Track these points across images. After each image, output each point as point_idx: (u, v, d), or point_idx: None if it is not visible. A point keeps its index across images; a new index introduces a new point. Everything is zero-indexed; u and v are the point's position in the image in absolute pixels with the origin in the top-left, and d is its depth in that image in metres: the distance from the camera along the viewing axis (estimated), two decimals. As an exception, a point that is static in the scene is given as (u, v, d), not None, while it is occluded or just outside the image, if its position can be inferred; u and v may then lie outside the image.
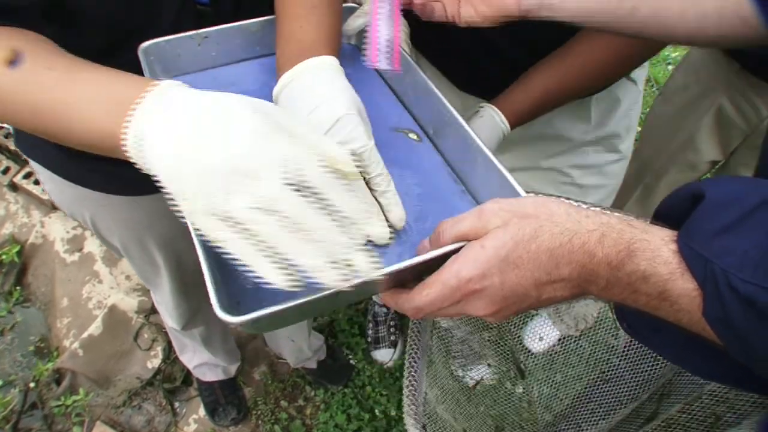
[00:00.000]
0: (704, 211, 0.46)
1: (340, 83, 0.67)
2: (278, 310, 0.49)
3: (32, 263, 2.12)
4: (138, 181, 0.95)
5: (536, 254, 0.49)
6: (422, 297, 0.53)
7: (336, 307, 0.54)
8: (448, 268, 0.51)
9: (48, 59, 0.58)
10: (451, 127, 0.71)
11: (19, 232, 2.15)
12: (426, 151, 0.75)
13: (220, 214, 0.48)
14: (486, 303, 0.52)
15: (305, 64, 0.68)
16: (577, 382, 1.15)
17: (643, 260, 0.46)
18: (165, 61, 0.78)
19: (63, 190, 1.02)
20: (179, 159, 0.49)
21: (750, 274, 0.42)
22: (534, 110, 0.90)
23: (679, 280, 0.45)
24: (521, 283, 0.50)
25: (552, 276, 0.49)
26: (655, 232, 0.48)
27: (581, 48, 0.87)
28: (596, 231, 0.48)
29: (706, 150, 1.45)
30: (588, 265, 0.48)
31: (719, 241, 0.44)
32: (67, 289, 2.03)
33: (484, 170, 0.66)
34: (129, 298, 1.97)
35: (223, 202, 0.47)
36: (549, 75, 0.88)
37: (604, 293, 0.50)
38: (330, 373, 1.87)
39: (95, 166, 0.94)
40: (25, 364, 1.90)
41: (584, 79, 0.88)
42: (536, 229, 0.49)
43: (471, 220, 0.52)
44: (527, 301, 0.52)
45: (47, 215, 2.17)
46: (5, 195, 2.24)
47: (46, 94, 0.56)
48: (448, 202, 0.69)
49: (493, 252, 0.49)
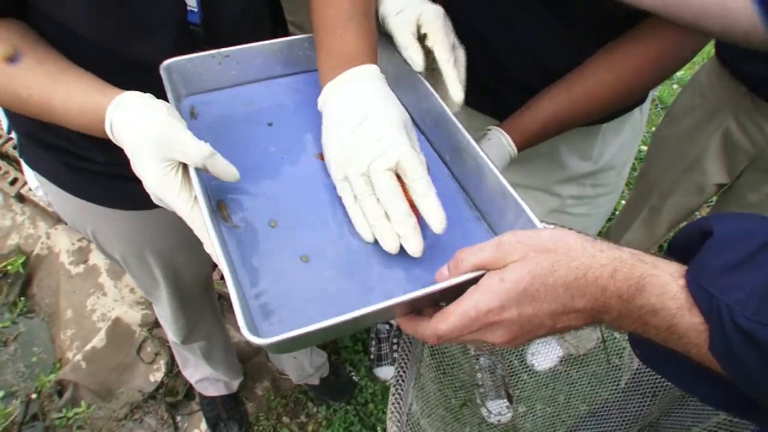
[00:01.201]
0: (712, 247, 0.48)
1: (387, 95, 0.70)
2: (302, 333, 0.51)
3: (37, 274, 2.12)
4: (138, 195, 0.97)
5: (553, 288, 0.50)
6: (442, 325, 0.54)
7: (355, 330, 0.56)
8: (468, 298, 0.53)
9: (41, 56, 0.72)
10: (467, 154, 0.71)
11: (24, 243, 2.16)
12: (441, 177, 0.76)
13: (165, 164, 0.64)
14: (503, 333, 0.53)
15: (349, 74, 0.71)
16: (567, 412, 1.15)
17: (653, 295, 0.48)
18: (186, 78, 0.80)
19: (66, 203, 1.02)
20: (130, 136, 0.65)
21: (753, 311, 0.43)
22: (541, 134, 0.90)
23: (687, 314, 0.47)
24: (538, 314, 0.52)
25: (567, 308, 0.51)
26: (665, 268, 0.49)
27: (589, 74, 0.87)
28: (609, 265, 0.50)
29: (712, 172, 1.44)
30: (601, 298, 0.50)
31: (726, 277, 0.45)
32: (72, 300, 2.03)
33: (500, 199, 0.67)
34: (133, 311, 1.97)
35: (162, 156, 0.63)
36: (557, 100, 0.88)
37: (616, 323, 0.51)
38: (332, 389, 1.86)
39: (97, 180, 0.95)
40: (27, 375, 1.90)
41: (591, 105, 0.88)
42: (553, 263, 0.50)
43: (490, 252, 0.53)
44: (542, 330, 0.54)
45: (53, 227, 2.18)
46: (12, 206, 2.25)
47: (41, 87, 0.71)
48: (463, 229, 0.70)
49: (512, 285, 0.51)
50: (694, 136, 1.44)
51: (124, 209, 1.02)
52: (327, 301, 0.61)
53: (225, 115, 0.79)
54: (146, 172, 0.64)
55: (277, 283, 0.62)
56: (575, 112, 0.88)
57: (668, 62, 0.85)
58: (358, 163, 0.65)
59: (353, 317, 0.52)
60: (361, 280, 0.63)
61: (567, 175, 1.13)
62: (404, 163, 0.63)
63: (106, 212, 1.02)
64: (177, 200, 0.63)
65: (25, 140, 0.95)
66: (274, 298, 0.60)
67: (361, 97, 0.69)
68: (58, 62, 0.73)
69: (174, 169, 0.64)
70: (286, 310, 0.59)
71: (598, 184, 1.15)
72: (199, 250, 1.21)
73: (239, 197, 0.70)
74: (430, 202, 0.63)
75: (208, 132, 0.76)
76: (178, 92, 0.80)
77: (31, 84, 0.71)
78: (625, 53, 0.85)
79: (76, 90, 0.70)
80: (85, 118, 0.69)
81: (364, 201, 0.65)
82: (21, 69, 0.70)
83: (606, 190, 1.18)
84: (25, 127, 0.92)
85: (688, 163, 1.48)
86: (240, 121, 0.78)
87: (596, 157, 1.10)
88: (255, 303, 0.60)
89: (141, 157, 0.64)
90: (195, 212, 0.63)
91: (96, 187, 0.98)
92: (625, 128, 1.08)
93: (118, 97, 0.67)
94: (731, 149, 1.38)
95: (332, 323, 0.51)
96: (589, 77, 0.87)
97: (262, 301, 0.60)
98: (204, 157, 0.63)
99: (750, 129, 1.32)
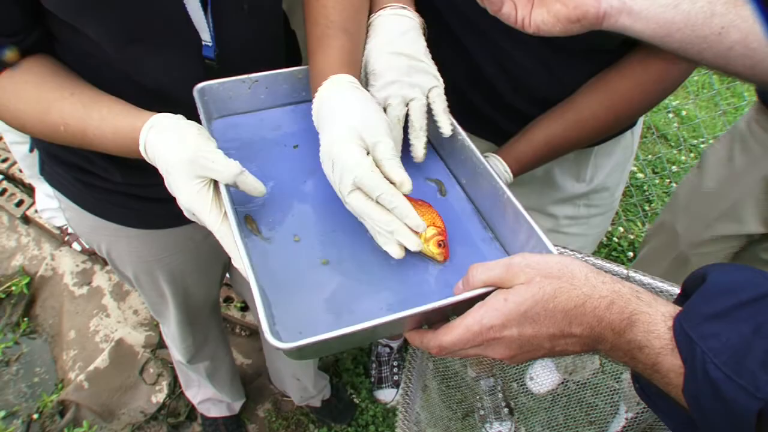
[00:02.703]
0: (702, 294, 0.50)
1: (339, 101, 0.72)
2: (322, 339, 0.54)
3: (41, 295, 2.14)
4: (152, 215, 1.02)
5: (553, 312, 0.53)
6: (447, 337, 0.57)
7: (372, 339, 0.59)
8: (473, 314, 0.56)
9: (72, 87, 0.77)
10: (482, 177, 0.75)
11: (29, 264, 2.18)
12: (458, 199, 0.80)
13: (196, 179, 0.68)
14: (503, 349, 0.56)
15: (317, 94, 0.75)
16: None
17: (640, 332, 0.51)
18: (217, 101, 0.84)
19: (82, 220, 1.05)
20: (164, 155, 0.69)
21: (723, 362, 0.45)
22: (536, 160, 0.94)
23: (669, 355, 0.49)
24: (537, 336, 0.55)
25: (565, 333, 0.54)
26: (659, 307, 0.52)
27: (580, 104, 0.92)
28: (607, 297, 0.53)
29: (749, 221, 1.40)
30: (597, 327, 0.53)
31: (707, 325, 0.47)
32: (75, 321, 2.04)
33: (513, 221, 0.70)
34: (136, 333, 1.99)
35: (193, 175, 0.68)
36: (550, 128, 0.93)
37: (610, 354, 0.54)
38: (334, 411, 1.87)
39: (113, 198, 0.99)
40: (29, 395, 1.91)
41: (582, 132, 0.92)
42: (556, 289, 0.54)
43: (499, 271, 0.56)
44: (541, 351, 0.56)
45: (58, 248, 2.20)
46: (17, 227, 2.27)
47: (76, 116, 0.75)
48: (477, 248, 0.73)
49: (515, 306, 0.54)
50: (733, 185, 1.41)
51: (138, 228, 1.05)
52: (346, 311, 0.64)
53: (254, 136, 0.83)
54: (179, 189, 0.68)
55: (298, 293, 0.65)
56: (568, 139, 0.93)
57: (654, 92, 0.90)
58: (337, 191, 0.68)
59: (369, 326, 0.55)
60: (379, 292, 0.66)
61: (561, 196, 1.16)
62: (359, 183, 0.65)
63: (120, 230, 1.05)
64: (208, 215, 0.67)
65: (46, 159, 0.99)
66: (296, 307, 0.63)
67: (324, 117, 0.72)
68: (89, 91, 0.77)
69: (206, 186, 0.68)
70: (307, 319, 0.62)
71: (591, 205, 1.19)
72: (209, 271, 1.25)
73: (266, 214, 0.73)
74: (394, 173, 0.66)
75: (238, 152, 0.80)
76: (210, 114, 0.84)
77: (66, 114, 0.75)
78: (613, 84, 0.90)
79: (110, 115, 0.74)
80: (120, 141, 0.74)
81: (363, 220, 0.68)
82: (55, 100, 0.75)
83: (599, 210, 1.21)
84: (47, 147, 0.96)
85: (722, 212, 1.44)
86: (268, 143, 0.82)
87: (589, 178, 1.13)
88: (277, 311, 0.63)
89: (174, 175, 0.68)
90: (224, 226, 0.67)
91: (112, 206, 1.01)
92: (616, 151, 1.12)
93: (152, 119, 0.71)
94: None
95: (350, 331, 0.55)
96: (581, 106, 0.92)
97: (285, 309, 0.63)
98: (234, 174, 0.67)
99: None
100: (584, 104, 0.91)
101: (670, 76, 0.88)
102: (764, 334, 0.45)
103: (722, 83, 3.07)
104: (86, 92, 0.77)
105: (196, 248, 1.14)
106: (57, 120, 0.76)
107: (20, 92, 0.76)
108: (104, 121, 0.74)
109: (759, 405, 0.43)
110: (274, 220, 0.73)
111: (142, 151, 0.71)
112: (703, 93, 2.92)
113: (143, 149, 0.71)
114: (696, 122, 2.87)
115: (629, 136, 1.12)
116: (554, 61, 0.93)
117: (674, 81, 0.89)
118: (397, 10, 0.82)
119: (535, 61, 0.93)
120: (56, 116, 0.75)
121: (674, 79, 0.89)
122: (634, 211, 2.59)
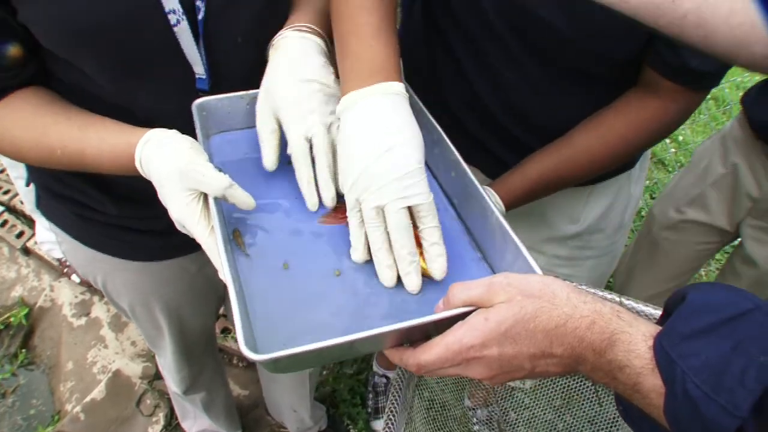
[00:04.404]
0: (681, 313, 0.50)
1: (411, 122, 0.71)
2: (298, 352, 0.54)
3: (39, 326, 2.14)
4: (147, 247, 1.04)
5: (533, 332, 0.53)
6: (425, 355, 0.57)
7: (352, 356, 0.59)
8: (453, 333, 0.56)
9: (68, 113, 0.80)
10: (474, 199, 0.76)
11: (28, 295, 2.19)
12: (449, 218, 0.80)
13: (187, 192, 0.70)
14: (483, 369, 0.56)
15: (376, 88, 0.73)
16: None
17: (621, 351, 0.51)
18: (215, 117, 0.86)
19: (78, 252, 1.07)
20: (157, 167, 0.71)
21: (702, 380, 0.45)
22: (529, 194, 0.94)
23: (650, 375, 0.49)
24: (517, 356, 0.54)
25: (546, 353, 0.54)
26: (640, 327, 0.52)
27: (576, 140, 0.92)
28: (588, 317, 0.52)
29: (716, 213, 1.49)
30: (577, 348, 0.52)
31: (688, 344, 0.47)
32: (73, 352, 2.05)
33: (501, 242, 0.71)
34: (133, 364, 1.99)
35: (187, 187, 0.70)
36: (545, 161, 0.93)
37: (591, 374, 0.54)
38: (331, 442, 1.86)
39: (108, 231, 1.00)
40: (24, 428, 1.90)
41: (576, 168, 0.92)
42: (536, 309, 0.53)
43: (480, 291, 0.56)
44: (521, 372, 0.56)
45: (57, 280, 2.21)
46: (17, 258, 2.29)
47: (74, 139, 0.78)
48: (466, 268, 0.74)
49: (495, 326, 0.54)
50: (704, 173, 1.49)
51: (134, 260, 1.06)
52: (329, 326, 0.65)
53: (250, 152, 0.85)
54: (171, 200, 0.70)
55: (282, 307, 0.66)
56: (561, 174, 0.93)
57: (650, 130, 0.90)
58: (376, 194, 0.67)
59: (346, 341, 0.56)
60: (363, 313, 0.67)
61: (553, 234, 1.15)
62: (423, 210, 0.68)
63: (115, 262, 1.06)
64: (196, 226, 0.69)
65: (42, 192, 1.00)
66: (279, 321, 0.64)
67: (385, 118, 0.71)
68: (84, 115, 0.80)
69: (196, 199, 0.69)
70: (291, 332, 0.63)
71: (585, 247, 1.17)
72: (204, 302, 1.26)
73: (256, 229, 0.75)
74: (436, 250, 0.69)
75: (234, 167, 0.81)
76: (207, 129, 0.86)
77: (63, 137, 0.77)
78: (609, 121, 0.90)
79: (106, 134, 0.77)
80: (117, 159, 0.76)
81: (372, 231, 0.68)
82: (52, 124, 0.77)
83: (594, 253, 1.19)
84: (44, 180, 0.98)
85: (692, 198, 1.52)
86: None
87: (582, 219, 1.12)
88: (257, 325, 0.64)
89: (167, 187, 0.70)
90: (211, 239, 0.68)
91: (107, 238, 1.02)
92: (609, 192, 1.11)
93: (147, 134, 0.74)
94: (737, 189, 1.43)
95: (326, 345, 0.55)
96: (576, 142, 0.92)
97: (265, 325, 0.64)
98: (223, 187, 0.68)
99: (758, 172, 1.37)
100: (579, 140, 0.92)
101: (667, 116, 0.88)
102: (742, 351, 0.45)
103: (718, 108, 3.09)
104: (81, 116, 0.79)
105: (192, 280, 1.14)
106: (54, 143, 0.78)
107: (17, 119, 0.78)
108: (101, 140, 0.76)
109: (737, 423, 0.43)
110: (262, 236, 0.74)
111: (138, 166, 0.73)
112: (699, 118, 2.93)
113: (139, 164, 0.73)
114: (692, 147, 2.88)
115: (625, 179, 1.11)
116: (551, 87, 0.93)
117: (671, 121, 0.89)
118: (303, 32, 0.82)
119: (531, 87, 0.94)
120: (53, 139, 0.78)
121: (671, 118, 0.89)
122: (631, 236, 2.59)
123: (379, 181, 0.67)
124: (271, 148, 0.79)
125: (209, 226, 0.69)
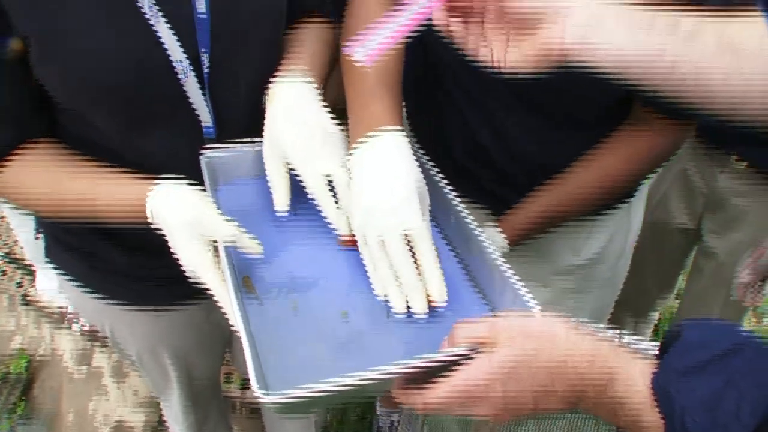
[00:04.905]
0: (677, 350, 0.52)
1: (405, 153, 0.78)
2: (306, 393, 0.56)
3: (39, 376, 2.12)
4: (155, 296, 1.04)
5: (535, 372, 0.55)
6: (432, 395, 0.59)
7: (362, 397, 0.61)
8: (459, 373, 0.57)
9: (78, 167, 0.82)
10: (471, 240, 0.78)
11: (28, 346, 2.17)
12: (447, 258, 0.82)
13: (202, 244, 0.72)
14: (488, 408, 0.58)
15: (373, 133, 0.79)
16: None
17: (621, 388, 0.52)
18: (224, 167, 0.88)
19: (86, 301, 1.07)
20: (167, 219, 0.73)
21: (699, 416, 0.46)
22: (532, 229, 0.97)
23: (649, 411, 0.51)
24: (521, 395, 0.56)
25: (548, 391, 0.55)
26: (638, 363, 0.54)
27: (574, 176, 0.95)
28: (588, 355, 0.54)
29: (677, 212, 1.59)
30: (578, 385, 0.54)
31: (683, 380, 0.49)
32: (74, 403, 2.02)
33: (500, 284, 0.73)
34: (136, 413, 1.96)
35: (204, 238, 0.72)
36: (546, 199, 0.96)
37: (593, 411, 0.55)
38: (337, 490, 1.83)
39: (117, 280, 1.01)
40: (25, 483, 1.87)
41: (576, 203, 0.96)
42: (537, 349, 0.55)
43: (482, 331, 0.58)
44: (525, 410, 0.58)
45: (58, 329, 2.20)
46: (17, 308, 2.28)
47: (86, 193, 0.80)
48: (465, 308, 0.76)
49: (498, 366, 0.56)
50: (660, 177, 1.60)
51: (142, 308, 1.07)
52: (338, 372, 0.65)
53: (256, 199, 0.87)
54: (182, 249, 0.72)
55: (293, 352, 0.67)
56: (561, 210, 0.96)
57: (643, 162, 0.93)
58: (375, 227, 0.72)
59: (353, 382, 0.57)
60: (371, 354, 0.68)
61: (559, 267, 1.16)
62: (416, 236, 0.72)
63: (124, 311, 1.06)
64: (207, 274, 0.70)
65: (52, 242, 1.01)
66: (289, 365, 0.66)
67: (382, 157, 0.77)
68: (95, 167, 0.82)
69: (206, 247, 0.71)
70: (302, 376, 0.63)
71: (589, 277, 1.18)
72: (212, 349, 1.26)
73: (266, 275, 0.76)
74: (433, 273, 0.71)
75: (241, 215, 0.83)
76: (216, 180, 0.88)
77: (76, 189, 0.79)
78: (606, 157, 0.93)
79: (117, 188, 0.79)
80: (129, 212, 0.77)
81: (379, 267, 0.73)
82: (64, 178, 0.80)
83: (598, 284, 1.20)
84: (53, 231, 0.99)
85: (657, 201, 1.61)
86: (271, 206, 0.84)
87: (585, 251, 1.14)
88: (268, 369, 0.65)
89: (177, 236, 0.71)
90: (223, 287, 0.70)
91: (116, 287, 1.03)
92: (609, 224, 1.13)
93: (157, 186, 0.75)
94: (690, 190, 1.53)
95: (333, 386, 0.56)
96: (574, 178, 0.95)
97: (276, 368, 0.65)
98: (230, 235, 0.71)
99: (704, 170, 1.48)
100: (578, 177, 0.95)
101: (659, 148, 0.91)
102: (734, 384, 0.47)
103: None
104: (93, 169, 0.81)
105: (199, 326, 1.15)
106: (67, 196, 0.80)
107: (31, 173, 0.80)
108: (112, 194, 0.79)
109: None
110: (272, 282, 0.76)
111: (150, 218, 0.75)
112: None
113: (150, 215, 0.75)
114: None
115: (625, 210, 1.14)
116: (550, 133, 0.96)
117: (665, 151, 0.92)
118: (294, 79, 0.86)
119: (531, 136, 0.97)
120: (66, 192, 0.80)
121: (665, 149, 0.92)
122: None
123: (376, 215, 0.72)
124: (283, 192, 0.82)
125: (220, 273, 0.70)
